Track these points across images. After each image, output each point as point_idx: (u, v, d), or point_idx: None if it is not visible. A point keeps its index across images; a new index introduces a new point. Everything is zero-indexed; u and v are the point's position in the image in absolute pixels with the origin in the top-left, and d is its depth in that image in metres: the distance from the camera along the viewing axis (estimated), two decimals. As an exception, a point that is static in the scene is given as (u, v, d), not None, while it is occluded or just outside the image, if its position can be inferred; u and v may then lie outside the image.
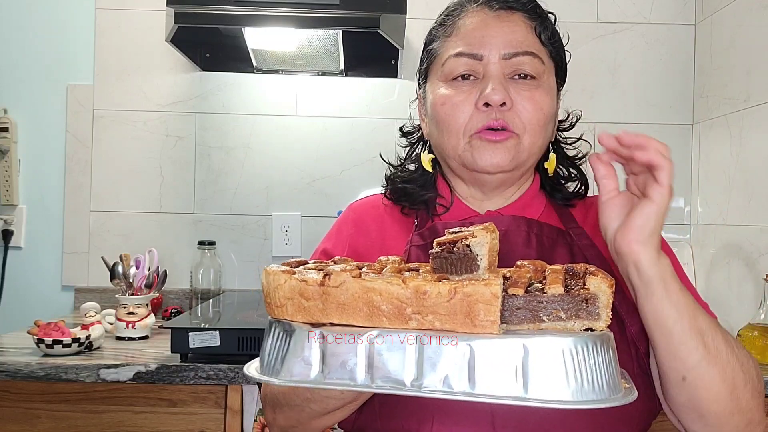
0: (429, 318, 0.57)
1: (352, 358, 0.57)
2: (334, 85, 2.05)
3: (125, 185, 2.02)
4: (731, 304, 1.77)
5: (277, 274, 0.62)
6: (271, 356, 0.62)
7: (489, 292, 0.56)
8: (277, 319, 0.63)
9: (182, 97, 2.03)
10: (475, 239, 0.60)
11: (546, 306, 0.61)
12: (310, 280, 0.60)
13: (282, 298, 0.61)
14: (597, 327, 0.61)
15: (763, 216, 1.66)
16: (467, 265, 0.60)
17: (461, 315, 0.56)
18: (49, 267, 2.02)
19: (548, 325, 0.61)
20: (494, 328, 0.56)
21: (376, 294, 0.58)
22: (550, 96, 0.91)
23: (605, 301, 0.61)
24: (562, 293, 0.61)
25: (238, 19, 1.62)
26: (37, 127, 2.03)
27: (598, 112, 2.04)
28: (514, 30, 0.89)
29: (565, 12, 2.03)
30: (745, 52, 1.76)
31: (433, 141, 0.95)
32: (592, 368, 0.55)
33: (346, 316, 0.59)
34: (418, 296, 0.57)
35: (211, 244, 1.89)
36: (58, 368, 1.31)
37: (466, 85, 0.89)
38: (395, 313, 0.58)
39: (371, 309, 0.58)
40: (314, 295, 0.60)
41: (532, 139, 0.89)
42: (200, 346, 1.32)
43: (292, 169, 2.04)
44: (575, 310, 0.61)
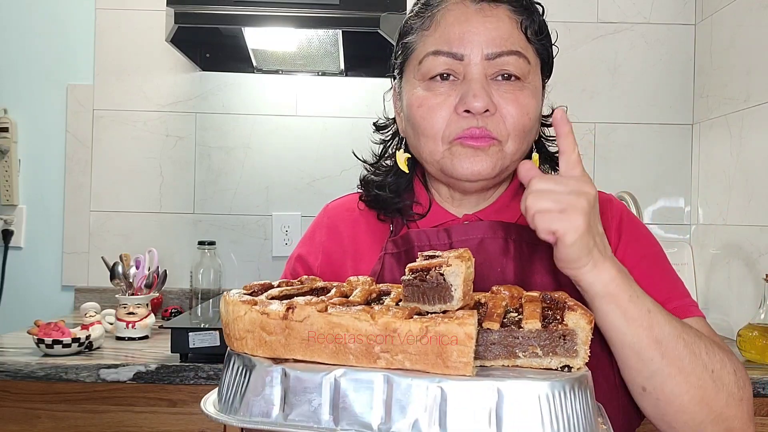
0: (399, 357, 0.53)
1: (317, 398, 0.53)
2: (334, 85, 2.05)
3: (125, 185, 2.02)
4: (731, 304, 1.77)
5: (237, 304, 0.58)
6: (230, 392, 0.58)
7: (463, 332, 0.52)
8: (236, 352, 0.59)
9: (182, 97, 2.03)
10: (449, 268, 0.57)
11: (522, 342, 0.58)
12: (272, 313, 0.56)
13: (242, 331, 0.57)
14: (574, 364, 0.58)
15: (763, 216, 1.66)
16: (440, 295, 0.57)
17: (433, 355, 0.53)
18: (49, 267, 2.02)
19: (524, 361, 0.58)
20: (467, 369, 0.52)
21: (342, 330, 0.54)
22: (535, 98, 0.84)
23: (584, 337, 0.58)
24: (539, 329, 0.58)
25: (238, 19, 1.62)
26: (37, 127, 2.03)
27: (598, 112, 2.04)
28: (498, 26, 0.81)
29: (565, 12, 2.04)
30: (745, 52, 1.76)
31: (410, 142, 0.89)
32: (568, 414, 0.52)
33: (310, 352, 0.55)
34: (387, 334, 0.53)
35: (211, 244, 1.89)
36: (58, 368, 1.31)
37: (445, 87, 0.82)
38: (363, 351, 0.54)
39: (337, 346, 0.55)
40: (276, 329, 0.56)
41: (516, 146, 0.83)
42: (200, 346, 1.32)
43: (292, 169, 2.04)
44: (552, 347, 0.58)
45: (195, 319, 1.47)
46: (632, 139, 2.04)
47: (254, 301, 0.58)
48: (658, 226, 2.04)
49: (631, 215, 0.93)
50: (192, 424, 1.34)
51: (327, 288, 0.69)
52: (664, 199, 2.05)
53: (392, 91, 0.96)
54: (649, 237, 0.91)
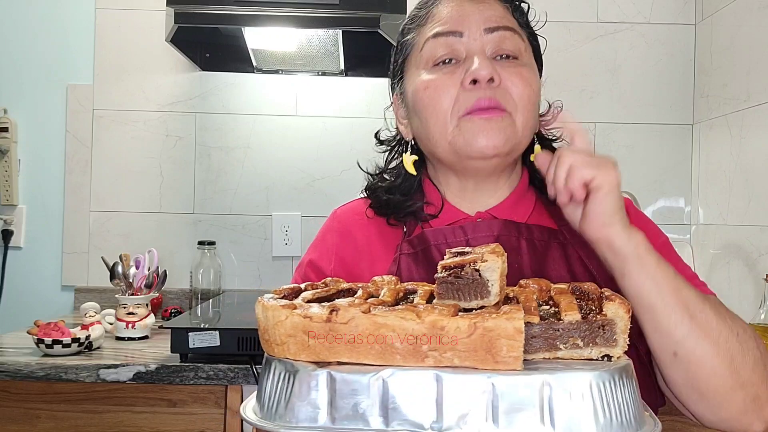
0: (447, 355, 0.53)
1: (365, 399, 0.53)
2: (334, 85, 2.05)
3: (125, 185, 2.02)
4: (731, 304, 1.75)
5: (277, 309, 0.57)
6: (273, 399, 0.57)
7: (512, 327, 0.52)
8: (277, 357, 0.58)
9: (182, 97, 2.03)
10: (485, 264, 0.57)
11: (563, 334, 0.58)
12: (315, 316, 0.55)
13: (283, 336, 0.56)
14: (614, 354, 0.59)
15: (763, 216, 1.65)
16: (477, 291, 0.57)
17: (482, 351, 0.53)
18: (49, 267, 2.01)
19: (565, 353, 0.58)
20: (517, 364, 0.53)
21: (389, 330, 0.54)
22: (535, 74, 0.87)
23: (623, 326, 0.58)
24: (579, 320, 0.58)
25: (238, 19, 1.62)
26: (37, 127, 2.03)
27: (598, 112, 2.04)
28: (491, 7, 0.86)
29: (565, 12, 2.04)
30: (745, 52, 1.76)
31: (418, 135, 0.90)
32: (619, 402, 0.53)
33: (356, 354, 0.55)
34: (435, 332, 0.53)
35: (211, 244, 1.89)
36: (58, 368, 1.31)
37: (449, 67, 0.84)
38: (410, 350, 0.54)
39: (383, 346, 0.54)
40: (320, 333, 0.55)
41: (524, 118, 0.84)
42: (200, 346, 1.32)
43: (292, 169, 2.04)
44: (592, 337, 0.58)
45: (195, 319, 1.47)
46: (632, 139, 2.04)
47: (293, 305, 0.58)
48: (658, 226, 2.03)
49: (635, 209, 0.95)
50: (192, 424, 1.34)
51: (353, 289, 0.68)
52: (664, 199, 2.05)
53: (393, 102, 0.97)
54: (657, 228, 0.94)
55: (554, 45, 2.04)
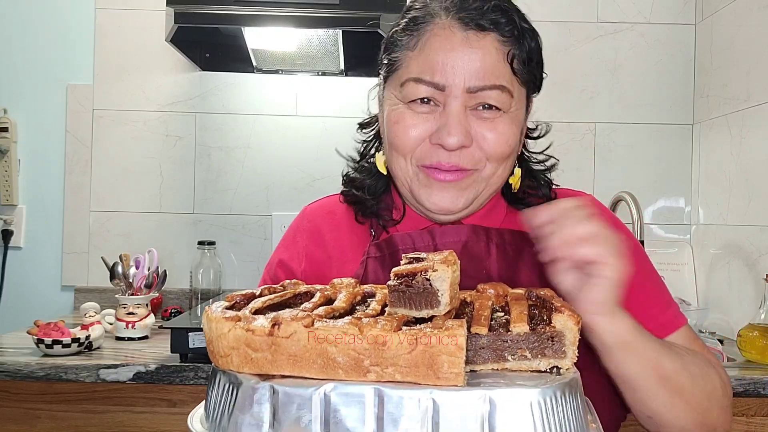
0: (389, 370, 0.53)
1: (307, 414, 0.52)
2: (334, 85, 2.05)
3: (125, 185, 2.02)
4: (731, 304, 1.77)
5: (220, 321, 0.56)
6: (217, 410, 0.57)
7: (452, 343, 0.52)
8: (221, 369, 0.58)
9: (182, 97, 2.03)
10: (435, 273, 0.57)
11: (511, 345, 0.58)
12: (258, 329, 0.55)
13: (226, 348, 0.56)
14: (563, 365, 0.58)
15: (763, 216, 1.65)
16: (427, 301, 0.57)
17: (423, 367, 0.52)
18: (49, 267, 2.01)
19: (513, 364, 0.58)
20: (459, 380, 0.52)
21: (330, 345, 0.53)
22: (515, 126, 0.83)
23: (572, 338, 0.58)
24: (527, 332, 0.58)
25: (238, 19, 1.62)
26: (37, 127, 2.03)
27: (598, 112, 2.04)
28: (483, 58, 0.79)
29: (565, 12, 2.04)
30: (745, 52, 1.76)
31: (385, 153, 0.89)
32: (560, 419, 0.53)
33: (298, 368, 0.54)
34: (376, 347, 0.53)
35: (211, 244, 1.89)
36: (58, 368, 1.31)
37: (424, 109, 0.81)
38: (352, 365, 0.53)
39: (326, 360, 0.54)
40: (262, 346, 0.55)
41: (493, 169, 0.82)
42: (200, 346, 1.32)
43: (292, 169, 2.04)
44: (541, 349, 0.58)
45: (195, 319, 1.47)
46: (632, 139, 2.04)
47: (238, 317, 0.57)
48: (658, 226, 2.04)
49: (615, 220, 0.93)
50: (192, 424, 1.34)
51: (311, 292, 0.68)
52: (665, 199, 2.04)
53: (377, 89, 0.93)
54: (636, 243, 0.92)
55: (554, 45, 2.04)
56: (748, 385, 1.31)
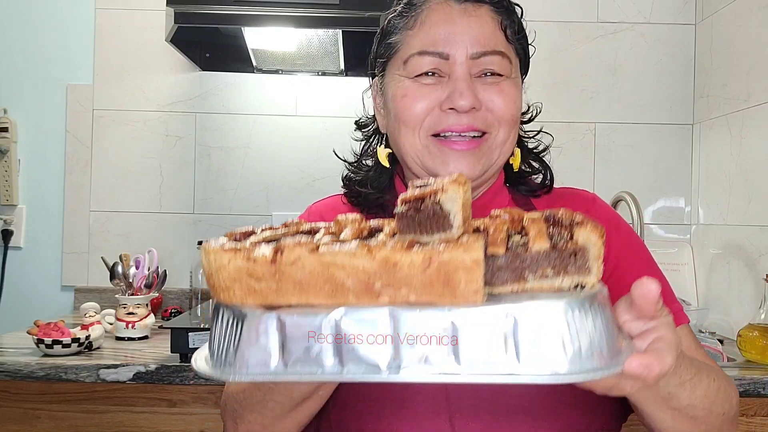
0: (402, 291, 0.49)
1: (317, 342, 0.49)
2: (334, 85, 2.05)
3: (125, 185, 2.02)
4: (731, 304, 1.76)
5: (219, 253, 0.52)
6: (222, 347, 0.53)
7: (469, 258, 0.48)
8: (224, 303, 0.54)
9: (182, 97, 2.03)
10: (445, 194, 0.51)
11: (531, 264, 0.53)
12: (259, 258, 0.51)
13: (227, 281, 0.52)
14: (588, 282, 0.54)
15: (763, 216, 1.65)
16: (438, 224, 0.52)
17: (439, 285, 0.49)
18: (49, 267, 2.01)
19: (534, 284, 0.53)
20: (477, 297, 0.49)
21: (338, 269, 0.49)
22: (518, 90, 0.87)
23: (596, 253, 0.53)
24: (547, 249, 0.53)
25: (238, 19, 1.62)
26: (37, 127, 2.03)
27: (598, 112, 2.04)
28: (481, 25, 0.83)
29: (565, 12, 2.04)
30: (745, 52, 1.76)
31: (391, 137, 0.89)
32: (590, 332, 0.49)
33: (305, 295, 0.51)
34: (387, 268, 0.49)
35: (211, 244, 1.88)
36: (58, 368, 1.31)
37: (430, 81, 0.84)
38: (363, 288, 0.49)
39: (334, 286, 0.50)
40: (266, 275, 0.51)
41: (505, 134, 0.84)
42: (200, 346, 1.31)
43: (292, 169, 2.04)
44: (563, 266, 0.53)
45: (195, 319, 1.47)
46: (632, 139, 2.04)
47: (237, 248, 0.53)
48: (658, 226, 2.04)
49: (617, 219, 0.92)
50: (192, 424, 1.34)
51: (314, 229, 0.63)
52: (665, 199, 2.04)
53: (372, 88, 0.95)
54: (637, 240, 0.91)
55: (554, 45, 2.04)
56: (748, 385, 1.31)
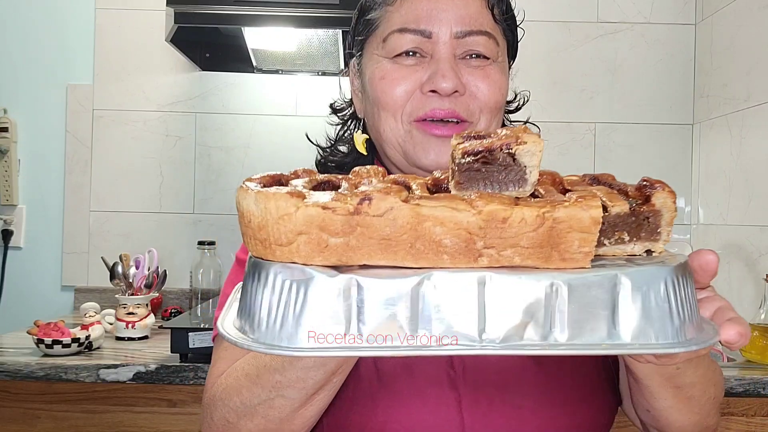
0: (507, 253, 0.44)
1: (403, 311, 0.43)
2: (334, 84, 2.04)
3: (125, 185, 2.02)
4: (731, 304, 1.76)
5: (283, 198, 0.44)
6: (274, 317, 0.45)
7: (588, 216, 0.44)
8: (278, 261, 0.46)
9: (182, 97, 2.03)
10: (522, 147, 0.46)
11: (607, 228, 0.49)
12: (339, 207, 0.43)
13: (290, 234, 0.44)
14: (656, 249, 0.52)
15: (763, 216, 1.65)
16: (511, 180, 0.47)
17: (548, 247, 0.44)
18: (49, 267, 2.01)
19: (608, 249, 0.50)
20: (587, 261, 0.45)
21: (436, 223, 0.43)
22: (504, 75, 0.80)
23: (668, 218, 0.52)
24: (627, 212, 0.50)
25: (238, 19, 1.62)
26: (37, 127, 2.03)
27: (598, 112, 2.04)
28: (467, 4, 0.78)
29: (565, 12, 2.04)
30: (745, 52, 1.76)
31: (369, 122, 0.84)
32: (690, 300, 0.47)
33: (391, 254, 0.44)
34: (494, 225, 0.43)
35: (210, 244, 1.89)
36: (58, 368, 1.31)
37: (411, 62, 0.78)
38: (462, 248, 0.44)
39: (427, 244, 0.44)
40: (344, 229, 0.43)
41: (487, 123, 0.78)
42: (200, 346, 1.32)
43: (291, 169, 2.04)
44: (637, 230, 0.51)
45: (195, 319, 1.47)
46: (632, 139, 2.04)
47: (302, 193, 0.45)
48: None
49: None
50: (192, 424, 1.34)
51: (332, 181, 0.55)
52: (665, 199, 2.04)
53: (350, 70, 0.89)
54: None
55: (554, 45, 2.04)
56: (748, 385, 1.30)
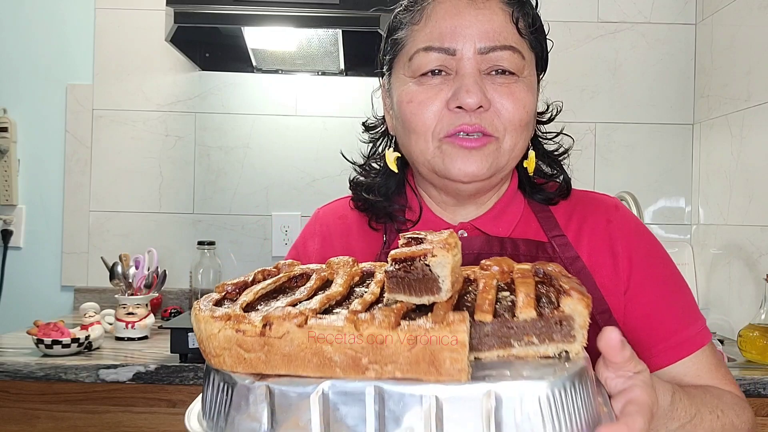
0: (388, 368, 0.51)
1: (306, 413, 0.50)
2: (334, 84, 2.05)
3: (125, 185, 2.02)
4: (732, 304, 1.76)
5: (209, 321, 0.54)
6: (213, 409, 0.55)
7: (455, 339, 0.49)
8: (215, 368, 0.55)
9: (182, 96, 2.03)
10: (435, 259, 0.53)
11: (517, 332, 0.54)
12: (249, 330, 0.52)
13: (217, 348, 0.54)
14: (572, 350, 0.55)
15: (763, 216, 1.65)
16: (427, 287, 0.53)
17: (425, 363, 0.50)
18: (49, 267, 2.01)
19: (520, 350, 0.55)
20: (462, 376, 0.50)
21: (325, 344, 0.51)
22: (531, 92, 0.81)
23: (581, 322, 0.54)
24: (534, 318, 0.54)
25: (237, 19, 1.62)
26: (37, 127, 2.02)
27: (598, 112, 2.04)
28: (491, 19, 0.78)
29: (566, 12, 2.04)
30: (745, 52, 1.76)
31: (400, 141, 0.86)
32: (570, 411, 0.50)
33: (294, 367, 0.52)
34: (374, 345, 0.50)
35: (210, 244, 1.89)
36: (58, 368, 1.31)
37: (436, 81, 0.79)
38: (350, 363, 0.51)
39: (322, 359, 0.51)
40: (255, 347, 0.52)
41: (513, 141, 0.79)
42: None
43: (291, 169, 2.04)
44: (549, 334, 0.54)
45: (194, 320, 1.47)
46: (632, 139, 2.04)
47: (228, 315, 0.54)
48: (658, 226, 2.03)
49: (641, 227, 0.89)
50: (191, 424, 1.34)
51: (307, 274, 0.64)
52: (665, 199, 2.04)
53: (381, 88, 0.92)
54: (663, 252, 0.88)
55: (554, 45, 2.03)
56: (748, 385, 1.30)
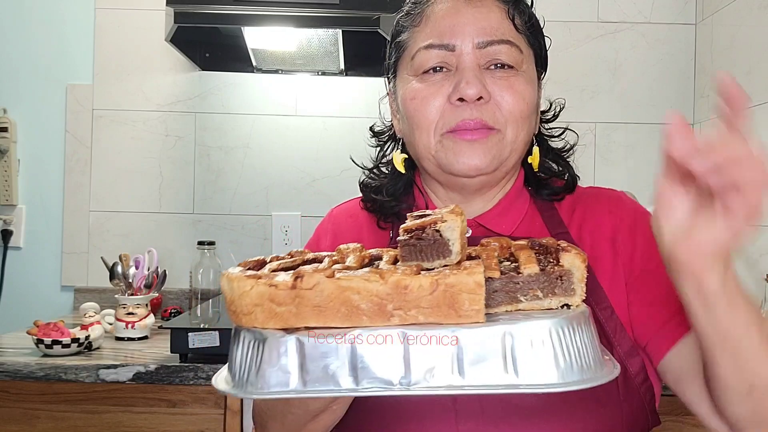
0: (412, 312, 0.55)
1: (334, 361, 0.54)
2: (334, 84, 2.05)
3: (125, 185, 2.02)
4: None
5: (242, 279, 0.57)
6: (243, 368, 0.58)
7: (472, 281, 0.54)
8: (245, 327, 0.59)
9: (182, 96, 2.03)
10: (445, 224, 0.58)
11: (523, 286, 0.61)
12: (281, 284, 0.56)
13: (249, 305, 0.57)
14: (573, 302, 0.61)
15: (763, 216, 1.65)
16: (439, 251, 0.58)
17: (445, 306, 0.55)
18: (49, 267, 2.01)
19: (526, 305, 0.61)
20: (479, 316, 0.55)
21: (353, 293, 0.55)
22: (530, 85, 0.84)
23: (579, 276, 0.61)
24: (537, 272, 0.61)
25: (237, 19, 1.62)
26: (37, 127, 2.02)
27: (598, 112, 2.04)
28: (487, 16, 0.82)
29: (565, 12, 2.04)
30: (745, 52, 1.76)
31: (406, 140, 0.89)
32: (578, 347, 0.56)
33: (323, 318, 0.56)
34: (398, 291, 0.55)
35: (210, 244, 1.88)
36: (58, 368, 1.31)
37: (438, 77, 0.83)
38: (375, 310, 0.55)
39: (349, 308, 0.55)
40: (286, 300, 0.56)
41: (514, 133, 0.82)
42: (200, 346, 1.32)
43: (291, 169, 2.04)
44: (551, 288, 0.61)
45: (195, 320, 1.47)
46: (632, 139, 2.04)
47: (258, 275, 0.58)
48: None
49: (645, 214, 0.88)
50: (191, 424, 1.34)
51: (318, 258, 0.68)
52: (665, 199, 2.04)
53: (387, 94, 0.96)
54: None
55: (554, 45, 2.02)
56: (748, 386, 1.30)
